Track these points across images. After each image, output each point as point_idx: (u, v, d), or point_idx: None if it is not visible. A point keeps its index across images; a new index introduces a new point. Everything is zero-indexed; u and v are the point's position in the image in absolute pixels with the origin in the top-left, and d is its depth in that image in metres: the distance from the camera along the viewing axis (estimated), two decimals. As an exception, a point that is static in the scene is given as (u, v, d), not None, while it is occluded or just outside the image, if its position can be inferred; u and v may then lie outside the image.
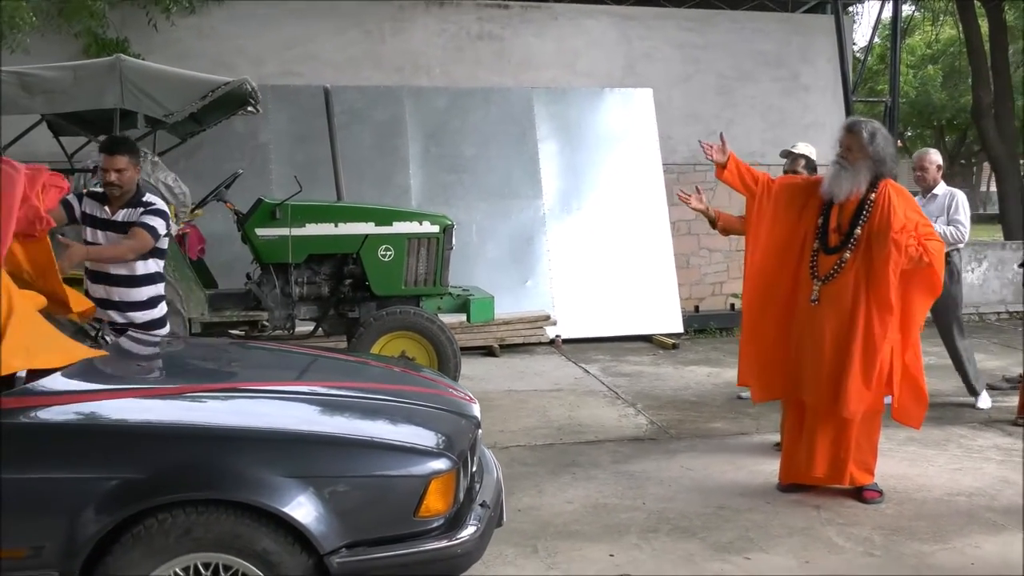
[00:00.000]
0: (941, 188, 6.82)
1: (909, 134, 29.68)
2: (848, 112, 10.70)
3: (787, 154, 6.94)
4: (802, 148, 6.91)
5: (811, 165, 6.17)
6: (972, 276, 11.44)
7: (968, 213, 6.98)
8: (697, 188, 5.48)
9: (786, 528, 4.52)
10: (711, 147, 5.07)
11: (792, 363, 4.97)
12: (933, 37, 27.50)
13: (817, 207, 4.93)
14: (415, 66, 10.99)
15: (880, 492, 4.91)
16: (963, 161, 34.80)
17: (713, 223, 5.62)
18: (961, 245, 6.96)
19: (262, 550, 2.82)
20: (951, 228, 6.80)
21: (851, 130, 4.81)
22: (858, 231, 4.74)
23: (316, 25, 10.70)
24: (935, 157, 6.99)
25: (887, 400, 4.91)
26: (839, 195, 4.77)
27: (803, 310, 4.91)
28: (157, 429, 2.96)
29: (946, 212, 6.65)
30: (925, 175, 6.77)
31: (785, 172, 6.91)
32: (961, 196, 7.12)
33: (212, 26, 10.42)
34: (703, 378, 7.87)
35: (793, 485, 5.04)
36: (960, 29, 17.45)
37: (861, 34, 21.32)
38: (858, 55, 14.61)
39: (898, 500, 4.92)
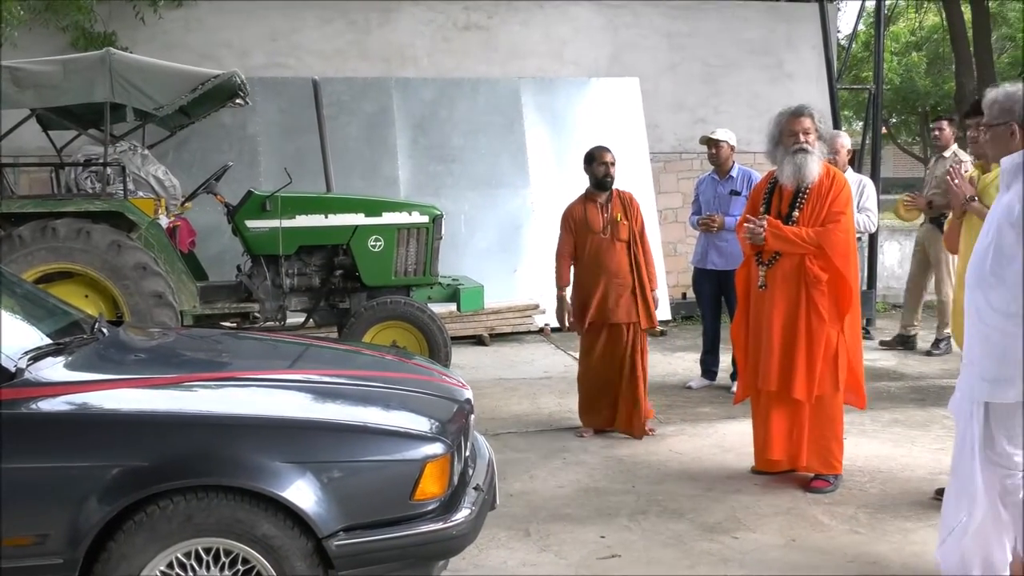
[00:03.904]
0: (850, 175, 6.68)
1: (894, 120, 29.78)
2: (833, 100, 10.77)
3: (707, 141, 7.02)
4: (721, 134, 6.98)
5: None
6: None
7: (876, 200, 6.98)
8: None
9: (773, 508, 4.61)
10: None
11: (751, 351, 5.05)
12: (917, 24, 27.59)
13: (760, 194, 5.04)
14: (402, 57, 11.00)
15: (830, 482, 4.87)
16: (947, 146, 34.84)
17: None
18: (873, 230, 6.98)
19: (262, 534, 2.89)
20: (862, 216, 6.80)
21: (803, 114, 4.87)
22: (796, 214, 4.81)
23: (302, 17, 10.70)
24: (845, 140, 6.92)
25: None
26: (810, 180, 4.81)
27: (754, 297, 4.99)
28: (157, 418, 3.02)
29: (856, 200, 6.46)
30: (836, 158, 6.43)
31: (709, 159, 7.05)
32: (870, 184, 7.15)
33: (198, 19, 10.42)
34: (690, 364, 7.95)
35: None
36: (943, 16, 17.57)
37: (845, 22, 21.45)
38: (842, 43, 14.68)
39: (882, 480, 5.03)
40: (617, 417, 5.95)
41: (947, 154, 8.03)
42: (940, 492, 3.91)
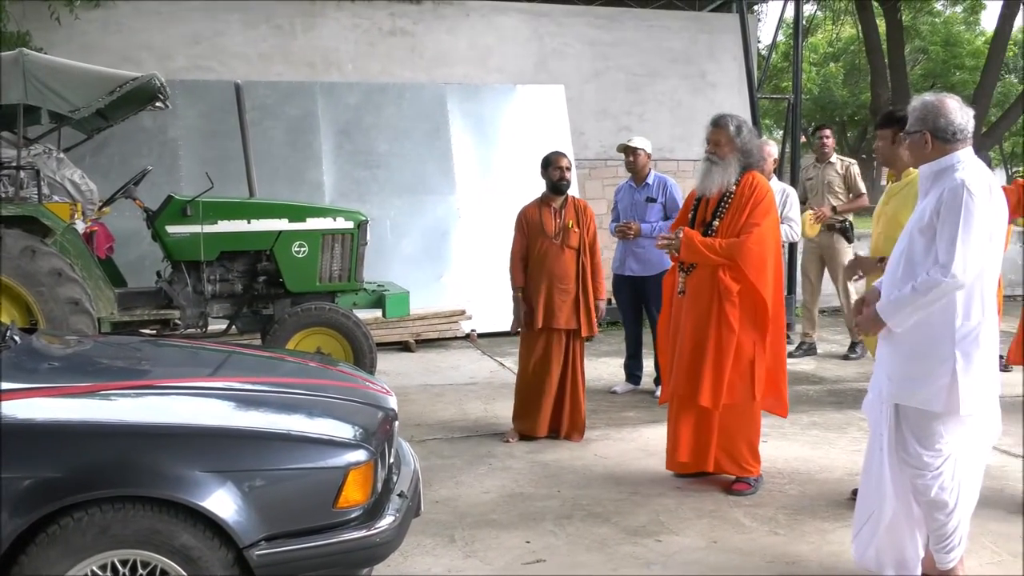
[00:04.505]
0: (773, 183, 6.82)
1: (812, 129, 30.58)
2: (753, 109, 10.98)
3: (624, 148, 7.13)
4: (637, 142, 7.10)
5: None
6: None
7: (798, 209, 7.15)
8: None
9: (695, 511, 4.68)
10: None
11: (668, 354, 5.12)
12: (834, 36, 28.33)
13: (691, 202, 5.12)
14: (327, 62, 10.93)
15: (750, 484, 4.94)
16: (864, 156, 35.92)
17: None
18: (796, 240, 7.16)
19: (181, 545, 2.84)
20: (784, 226, 6.97)
21: (718, 125, 4.94)
22: (716, 223, 4.88)
23: (225, 20, 10.56)
24: (772, 149, 7.06)
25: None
26: (710, 190, 4.91)
27: (675, 302, 5.07)
28: (71, 427, 2.94)
29: (779, 209, 6.46)
30: (763, 166, 6.54)
31: (627, 166, 7.16)
32: (793, 193, 7.32)
33: (118, 20, 10.21)
34: (616, 369, 8.02)
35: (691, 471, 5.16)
36: (859, 29, 18.06)
37: (765, 32, 21.86)
38: (763, 53, 15.01)
39: (801, 481, 5.13)
40: (560, 421, 6.00)
41: (833, 159, 8.46)
42: (856, 493, 4.03)
